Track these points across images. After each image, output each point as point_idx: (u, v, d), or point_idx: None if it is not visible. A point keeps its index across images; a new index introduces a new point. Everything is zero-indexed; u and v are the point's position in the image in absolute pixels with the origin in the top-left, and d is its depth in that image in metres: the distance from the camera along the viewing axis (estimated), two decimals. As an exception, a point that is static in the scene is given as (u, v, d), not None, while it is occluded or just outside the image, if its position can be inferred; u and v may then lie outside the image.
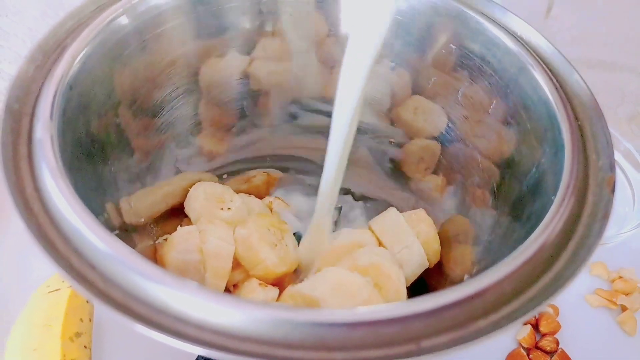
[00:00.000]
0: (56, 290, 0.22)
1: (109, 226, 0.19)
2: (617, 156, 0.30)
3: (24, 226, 0.15)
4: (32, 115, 0.17)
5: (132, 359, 0.23)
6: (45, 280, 0.23)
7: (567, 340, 0.26)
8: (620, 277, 0.28)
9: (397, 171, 0.27)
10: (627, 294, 0.28)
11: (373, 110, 0.25)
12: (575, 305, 0.27)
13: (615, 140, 0.30)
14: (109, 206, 0.19)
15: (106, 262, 0.14)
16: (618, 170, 0.29)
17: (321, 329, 0.13)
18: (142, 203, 0.22)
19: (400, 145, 0.26)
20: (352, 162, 0.26)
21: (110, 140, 0.20)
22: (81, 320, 0.22)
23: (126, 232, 0.20)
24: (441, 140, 0.24)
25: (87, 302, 0.23)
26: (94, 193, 0.18)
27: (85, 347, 0.22)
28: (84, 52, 0.18)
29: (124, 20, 0.20)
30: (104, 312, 0.13)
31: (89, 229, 0.14)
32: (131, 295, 0.14)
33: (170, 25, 0.21)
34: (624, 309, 0.27)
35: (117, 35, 0.20)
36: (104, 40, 0.19)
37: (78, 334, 0.22)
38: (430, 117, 0.24)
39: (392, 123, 0.25)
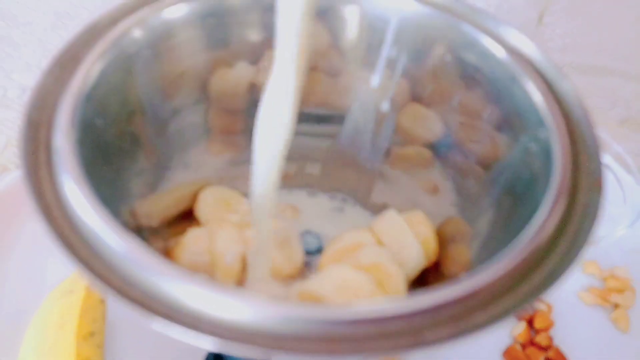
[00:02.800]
0: (70, 291, 0.23)
1: (125, 228, 0.19)
2: (609, 159, 0.31)
3: (46, 230, 0.15)
4: (51, 125, 0.18)
5: (143, 357, 0.24)
6: (59, 283, 0.24)
7: (560, 336, 0.27)
8: (613, 276, 0.29)
9: (394, 176, 0.28)
10: (620, 292, 0.29)
11: (371, 117, 0.26)
12: (569, 303, 0.28)
13: (607, 143, 0.31)
14: (124, 210, 0.20)
15: (125, 263, 0.15)
16: (609, 173, 0.30)
17: (330, 325, 0.14)
18: (154, 207, 0.23)
19: (397, 151, 0.27)
20: (350, 166, 0.27)
21: (125, 147, 0.21)
22: (94, 320, 0.23)
23: (140, 235, 0.21)
24: (437, 145, 0.25)
25: (101, 302, 0.24)
26: (110, 198, 0.19)
27: (98, 346, 0.23)
28: (98, 64, 0.19)
29: (136, 33, 0.21)
30: (123, 310, 0.14)
31: (108, 232, 0.15)
32: (149, 294, 0.14)
33: (180, 38, 0.22)
34: (617, 306, 0.28)
35: (130, 48, 0.21)
36: (118, 53, 0.20)
37: (92, 334, 0.23)
38: (428, 124, 0.25)
39: (390, 129, 0.26)
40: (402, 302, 0.14)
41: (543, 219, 0.17)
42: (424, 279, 0.24)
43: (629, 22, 0.39)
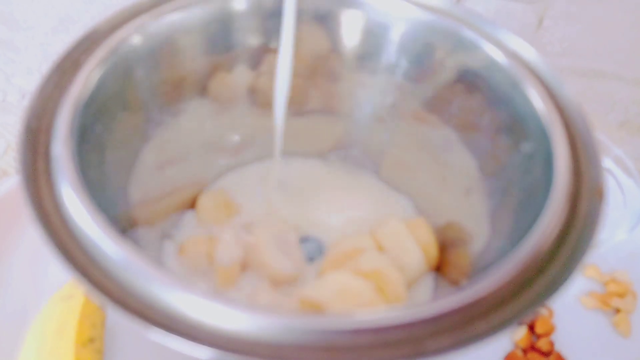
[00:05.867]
0: (70, 297, 0.23)
1: (123, 235, 0.19)
2: (609, 162, 0.31)
3: (44, 238, 0.15)
4: (50, 132, 0.18)
5: (142, 363, 0.24)
6: (59, 288, 0.24)
7: (561, 341, 0.26)
8: (614, 280, 0.29)
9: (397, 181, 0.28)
10: (620, 296, 0.28)
11: (371, 122, 0.26)
12: (570, 307, 0.28)
13: (606, 146, 0.31)
14: (123, 216, 0.20)
15: (123, 271, 0.15)
16: (609, 176, 0.30)
17: (330, 335, 0.14)
18: (154, 212, 0.23)
19: (397, 155, 0.27)
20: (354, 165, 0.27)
21: (124, 153, 0.21)
22: (94, 326, 0.23)
23: (138, 241, 0.21)
24: (438, 150, 0.25)
25: (100, 308, 0.24)
26: (109, 204, 0.19)
27: (97, 352, 0.23)
28: (98, 70, 0.19)
29: (136, 39, 0.21)
30: (119, 318, 0.14)
31: (106, 240, 0.15)
32: (147, 303, 0.14)
33: (180, 43, 0.22)
34: (618, 310, 0.28)
35: (130, 54, 0.21)
36: (118, 59, 0.20)
37: (91, 339, 0.22)
38: (428, 129, 0.25)
39: (392, 133, 0.26)
40: (402, 311, 0.14)
41: (545, 225, 0.17)
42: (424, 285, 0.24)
43: (626, 26, 0.40)
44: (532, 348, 0.26)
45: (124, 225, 0.20)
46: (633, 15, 0.41)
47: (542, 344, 0.26)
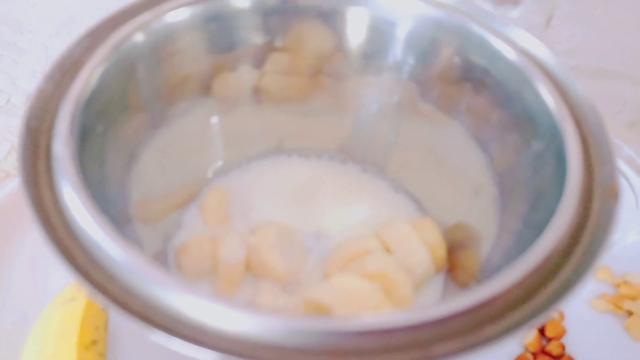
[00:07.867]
0: (72, 299, 0.23)
1: (124, 236, 0.19)
2: (620, 162, 0.30)
3: (44, 239, 0.15)
4: (51, 132, 0.18)
5: (145, 366, 0.23)
6: (61, 291, 0.24)
7: (573, 344, 0.26)
8: (626, 282, 0.29)
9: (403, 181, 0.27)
10: (633, 299, 0.28)
11: (377, 121, 0.26)
12: (581, 310, 0.27)
13: (617, 147, 0.30)
14: (124, 216, 0.20)
15: (125, 273, 0.15)
16: (621, 177, 0.30)
17: (335, 337, 0.13)
18: (156, 212, 0.23)
19: (403, 154, 0.26)
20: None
21: (125, 153, 0.21)
22: (97, 328, 0.23)
23: (139, 241, 0.21)
24: (446, 149, 0.25)
25: (102, 310, 0.24)
26: (110, 205, 0.19)
27: (100, 355, 0.23)
28: (100, 69, 0.19)
29: (139, 38, 0.21)
30: (121, 321, 0.14)
31: (108, 241, 0.15)
32: (150, 304, 0.14)
33: (183, 42, 0.22)
34: (630, 313, 0.27)
35: (132, 53, 0.20)
36: (120, 58, 0.20)
37: (94, 342, 0.22)
38: (436, 128, 0.24)
39: (398, 132, 0.26)
40: (410, 314, 0.14)
41: (556, 226, 0.16)
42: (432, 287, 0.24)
43: (635, 26, 0.39)
44: (543, 352, 0.26)
45: (126, 225, 0.20)
46: (643, 15, 0.40)
47: (552, 347, 0.26)
